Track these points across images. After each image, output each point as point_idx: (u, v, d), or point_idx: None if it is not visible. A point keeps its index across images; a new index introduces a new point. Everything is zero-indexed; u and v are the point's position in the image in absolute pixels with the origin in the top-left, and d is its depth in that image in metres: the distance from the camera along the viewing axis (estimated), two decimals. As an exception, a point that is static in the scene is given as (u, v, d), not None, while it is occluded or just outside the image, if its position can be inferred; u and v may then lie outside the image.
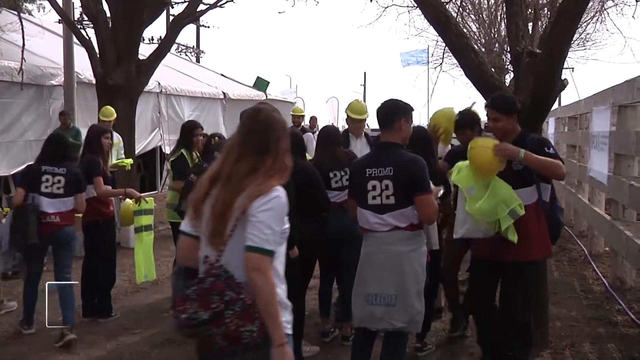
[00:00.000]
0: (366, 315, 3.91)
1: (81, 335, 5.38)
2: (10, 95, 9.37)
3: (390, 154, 3.90)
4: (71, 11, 10.51)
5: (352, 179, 4.15)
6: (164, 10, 13.83)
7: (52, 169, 5.29)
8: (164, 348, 5.12)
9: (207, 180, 2.56)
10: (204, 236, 2.52)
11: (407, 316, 3.83)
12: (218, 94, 15.49)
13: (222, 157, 2.60)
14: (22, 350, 5.07)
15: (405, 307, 3.81)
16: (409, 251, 3.84)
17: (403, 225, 3.82)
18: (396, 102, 4.08)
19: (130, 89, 10.08)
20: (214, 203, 2.49)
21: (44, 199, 5.20)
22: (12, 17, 10.39)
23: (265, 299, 2.37)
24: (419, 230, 3.91)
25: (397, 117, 3.96)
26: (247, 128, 2.63)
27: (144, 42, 14.15)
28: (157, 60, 10.69)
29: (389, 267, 3.83)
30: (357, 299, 3.99)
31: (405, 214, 3.82)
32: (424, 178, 3.83)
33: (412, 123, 4.09)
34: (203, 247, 2.52)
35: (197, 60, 27.35)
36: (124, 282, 7.13)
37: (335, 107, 27.48)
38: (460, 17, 11.22)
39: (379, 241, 3.87)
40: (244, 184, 2.46)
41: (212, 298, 2.35)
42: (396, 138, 3.95)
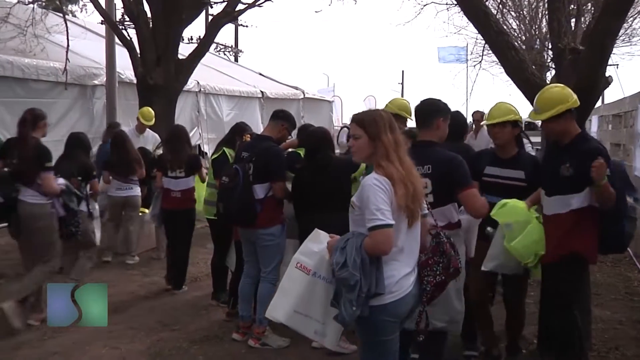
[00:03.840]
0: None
1: (122, 330, 5.49)
2: (55, 95, 9.61)
3: (429, 152, 3.87)
4: (113, 12, 10.72)
5: None
6: (203, 10, 13.96)
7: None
8: (203, 344, 5.18)
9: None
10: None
11: (447, 316, 3.80)
12: (256, 93, 15.59)
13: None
14: (70, 342, 5.19)
15: (445, 307, 3.77)
16: None
17: (442, 224, 3.74)
18: (435, 101, 4.08)
19: (170, 88, 10.23)
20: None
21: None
22: (58, 19, 10.64)
23: None
24: (457, 229, 3.87)
25: (435, 115, 3.95)
26: None
27: (184, 41, 14.33)
28: (196, 60, 10.82)
29: None
30: None
31: (444, 213, 3.79)
32: (464, 173, 3.78)
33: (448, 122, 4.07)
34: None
35: (236, 60, 27.62)
36: (162, 279, 7.23)
37: (373, 106, 27.40)
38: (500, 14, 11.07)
39: None
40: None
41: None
42: (433, 136, 3.94)
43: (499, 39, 5.04)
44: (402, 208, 2.98)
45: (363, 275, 2.90)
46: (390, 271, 3.01)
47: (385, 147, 3.08)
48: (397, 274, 3.04)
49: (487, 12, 5.23)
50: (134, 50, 10.14)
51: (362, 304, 2.92)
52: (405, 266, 3.08)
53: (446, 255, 3.15)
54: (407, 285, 3.07)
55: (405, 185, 3.00)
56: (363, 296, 2.90)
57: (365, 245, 2.93)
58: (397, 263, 3.05)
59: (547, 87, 4.07)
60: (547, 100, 4.07)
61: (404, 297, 3.05)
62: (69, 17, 12.12)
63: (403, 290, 3.05)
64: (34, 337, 5.26)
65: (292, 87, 18.05)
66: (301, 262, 3.31)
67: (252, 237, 5.01)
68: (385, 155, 3.07)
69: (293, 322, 3.31)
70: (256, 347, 5.03)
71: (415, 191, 3.05)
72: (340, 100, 23.79)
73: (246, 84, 15.82)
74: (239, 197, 4.91)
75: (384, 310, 3.00)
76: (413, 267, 3.13)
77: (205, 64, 13.11)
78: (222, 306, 6.03)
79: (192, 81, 11.90)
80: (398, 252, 3.04)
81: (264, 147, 5.03)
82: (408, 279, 3.08)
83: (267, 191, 4.97)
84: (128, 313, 6.00)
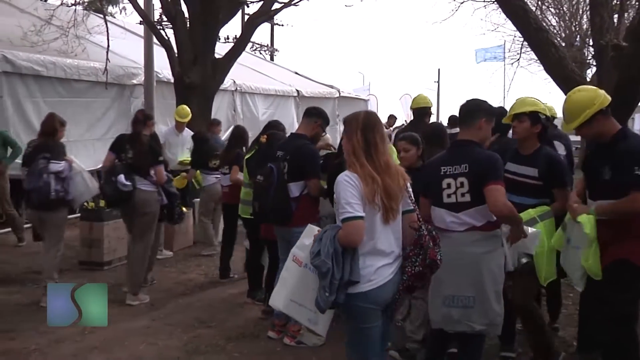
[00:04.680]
0: (443, 317, 3.85)
1: (159, 326, 5.57)
2: (95, 95, 9.79)
3: (466, 151, 3.84)
4: (151, 13, 10.85)
5: (427, 178, 4.07)
6: (240, 9, 14.06)
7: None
8: (239, 341, 5.22)
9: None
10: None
11: (487, 319, 3.75)
12: (292, 92, 15.63)
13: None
14: (109, 337, 5.28)
15: (484, 310, 3.73)
16: (485, 253, 3.75)
17: (479, 223, 3.74)
18: (479, 101, 4.04)
19: (207, 87, 10.33)
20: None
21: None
22: (98, 20, 10.83)
23: None
24: (496, 229, 3.81)
25: (478, 116, 3.90)
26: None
27: (220, 41, 14.43)
28: (232, 59, 10.90)
29: (465, 269, 3.75)
30: (433, 300, 3.93)
31: (481, 212, 3.74)
32: (495, 168, 3.72)
33: (492, 124, 4.01)
34: (398, 215, 3.27)
35: (271, 58, 27.73)
36: (199, 276, 7.32)
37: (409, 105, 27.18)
38: (540, 10, 10.88)
39: (454, 242, 3.77)
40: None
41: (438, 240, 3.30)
42: (474, 136, 3.89)
43: (538, 35, 4.96)
44: (371, 203, 3.14)
45: (335, 263, 3.06)
46: (368, 261, 3.17)
47: (353, 147, 3.26)
48: (376, 264, 3.19)
49: (526, 9, 5.15)
50: (171, 50, 10.26)
51: (336, 290, 3.07)
52: (384, 257, 3.22)
53: (424, 247, 3.24)
54: (386, 274, 3.20)
55: (372, 181, 3.15)
56: (336, 283, 3.06)
57: (339, 236, 3.10)
58: (375, 254, 3.20)
59: (571, 94, 3.94)
60: (573, 108, 3.94)
61: (383, 285, 3.19)
62: (109, 18, 12.33)
63: (383, 278, 3.19)
64: (75, 331, 5.34)
65: (327, 85, 18.04)
66: (296, 255, 3.48)
67: (287, 235, 5.01)
68: (353, 153, 3.25)
69: (289, 310, 3.49)
70: (291, 345, 5.05)
71: (387, 188, 3.18)
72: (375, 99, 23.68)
73: (282, 83, 15.87)
74: (274, 196, 4.93)
75: (365, 297, 3.15)
76: (394, 259, 3.26)
77: (242, 63, 13.19)
78: (257, 304, 6.07)
79: (228, 80, 11.99)
80: (374, 244, 3.19)
81: (298, 146, 5.04)
82: (387, 269, 3.22)
83: (302, 189, 4.99)
84: (165, 310, 6.08)
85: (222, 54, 11.11)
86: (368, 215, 3.15)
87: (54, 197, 5.93)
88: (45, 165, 5.92)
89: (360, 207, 3.12)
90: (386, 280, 3.20)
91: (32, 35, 9.28)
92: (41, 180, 5.89)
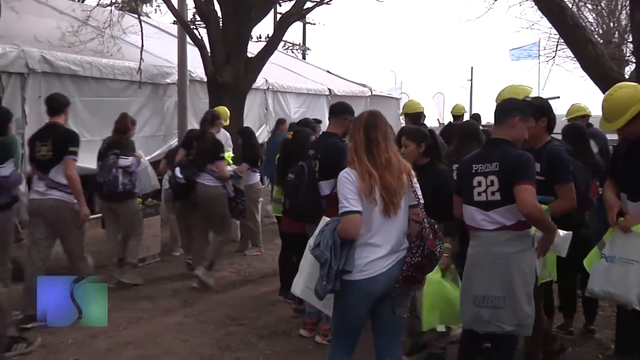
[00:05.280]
0: (473, 317, 3.82)
1: (192, 323, 5.63)
2: (129, 94, 9.92)
3: (498, 150, 3.79)
4: (185, 12, 10.95)
5: (460, 176, 4.05)
6: (272, 8, 14.10)
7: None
8: (270, 339, 5.24)
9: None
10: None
11: (517, 319, 3.70)
12: (323, 91, 15.63)
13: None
14: (142, 333, 5.35)
15: (514, 310, 3.68)
16: (516, 252, 3.70)
17: (510, 222, 3.69)
18: (515, 100, 3.99)
19: (239, 86, 10.38)
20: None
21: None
22: (133, 20, 10.98)
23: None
24: (527, 229, 3.75)
25: (512, 114, 3.85)
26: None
27: (252, 40, 14.49)
28: (264, 58, 10.94)
29: (495, 269, 3.71)
30: (464, 300, 3.91)
31: (511, 211, 3.68)
32: (525, 168, 3.65)
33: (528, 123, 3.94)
34: (399, 210, 3.41)
35: (303, 57, 27.78)
36: (231, 274, 7.37)
37: (441, 103, 26.98)
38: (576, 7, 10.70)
39: (484, 241, 3.76)
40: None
41: (439, 234, 3.40)
42: (506, 135, 3.83)
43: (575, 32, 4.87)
44: (368, 197, 3.32)
45: (333, 254, 3.29)
46: (364, 252, 3.36)
47: (355, 144, 3.48)
48: (371, 256, 3.37)
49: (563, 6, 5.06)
50: (204, 49, 10.34)
51: (333, 279, 3.29)
52: (381, 249, 3.38)
53: (424, 239, 3.36)
54: (381, 266, 3.37)
55: (368, 177, 3.34)
56: (333, 273, 3.29)
57: (338, 229, 3.33)
58: (372, 246, 3.38)
59: (612, 92, 3.83)
60: (616, 106, 3.84)
61: (375, 276, 3.36)
62: (144, 18, 12.47)
63: (375, 270, 3.36)
64: (109, 327, 5.41)
65: (359, 84, 17.99)
66: (310, 244, 3.64)
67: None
68: (354, 151, 3.46)
69: (305, 295, 3.78)
70: (323, 344, 5.05)
71: (386, 184, 3.35)
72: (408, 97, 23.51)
73: (314, 82, 15.88)
74: (305, 194, 4.94)
75: (354, 285, 3.35)
76: (390, 251, 3.39)
77: (274, 62, 13.23)
78: (289, 302, 6.09)
79: (260, 79, 12.04)
80: (371, 236, 3.37)
81: (329, 144, 5.04)
82: (383, 261, 3.37)
83: (332, 187, 4.97)
84: (197, 307, 6.15)
85: (254, 53, 11.15)
86: (366, 209, 3.33)
87: (121, 190, 6.52)
88: (115, 161, 6.53)
89: (357, 202, 3.33)
90: (379, 273, 3.36)
91: (69, 35, 9.45)
92: (110, 174, 6.50)
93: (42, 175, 5.49)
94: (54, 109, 5.65)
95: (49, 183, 5.44)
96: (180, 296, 6.47)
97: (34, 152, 5.55)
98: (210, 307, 6.14)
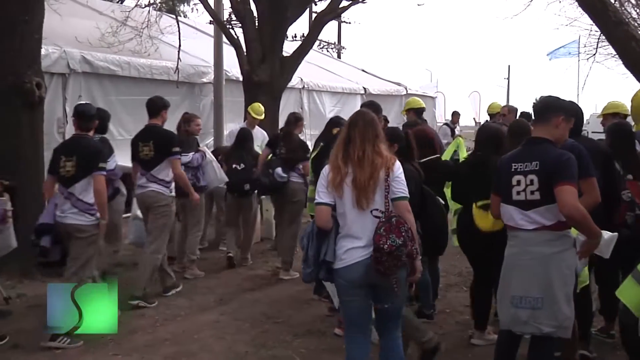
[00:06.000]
0: (511, 318, 3.78)
1: (228, 321, 5.67)
2: (166, 93, 9.96)
3: (539, 149, 3.74)
4: (221, 12, 11.04)
5: (499, 175, 3.99)
6: (307, 8, 14.13)
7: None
8: (305, 338, 5.24)
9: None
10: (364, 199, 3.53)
11: (556, 321, 3.65)
12: (359, 89, 15.61)
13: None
14: (179, 330, 5.42)
15: (553, 312, 3.63)
16: (555, 253, 3.64)
17: (549, 222, 3.63)
18: (558, 98, 3.91)
19: (274, 85, 10.42)
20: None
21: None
22: (170, 20, 11.12)
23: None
24: (567, 229, 3.69)
25: (555, 113, 3.78)
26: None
27: (288, 39, 14.55)
28: (300, 57, 10.97)
29: (533, 269, 3.66)
30: (502, 300, 3.88)
31: (551, 211, 3.62)
32: (566, 168, 3.59)
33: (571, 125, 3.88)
34: (373, 204, 3.54)
35: (338, 56, 27.80)
36: (266, 272, 7.40)
37: (477, 102, 26.66)
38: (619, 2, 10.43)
39: (523, 242, 3.72)
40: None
41: (401, 229, 3.42)
42: (548, 134, 3.77)
43: (617, 29, 4.75)
44: (337, 190, 3.57)
45: (310, 241, 3.64)
46: (343, 242, 3.60)
47: (338, 141, 3.73)
48: (347, 245, 3.58)
49: (605, 1, 4.94)
50: (240, 48, 10.41)
51: (311, 264, 3.63)
52: (356, 240, 3.57)
53: (375, 232, 3.52)
54: (356, 256, 3.55)
55: (337, 172, 3.58)
56: (311, 259, 3.62)
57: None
58: (351, 237, 3.59)
59: (636, 93, 3.72)
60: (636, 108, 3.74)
61: (351, 265, 3.56)
62: (181, 18, 12.64)
63: (352, 259, 3.56)
64: (147, 323, 5.53)
65: (394, 83, 17.91)
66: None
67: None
68: (335, 147, 3.71)
69: (329, 287, 4.07)
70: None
71: (356, 178, 3.54)
72: (443, 96, 23.34)
73: (349, 81, 15.87)
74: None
75: (337, 273, 3.62)
76: (368, 243, 3.51)
77: (309, 61, 13.27)
78: (324, 301, 6.07)
79: (295, 78, 12.07)
80: (349, 228, 3.59)
81: None
82: (358, 251, 3.55)
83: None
84: (233, 305, 6.18)
85: (289, 52, 11.19)
86: (340, 202, 3.60)
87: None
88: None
89: (326, 195, 3.63)
90: (355, 261, 3.55)
91: (108, 36, 9.62)
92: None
93: (144, 172, 6.04)
94: (152, 112, 6.19)
95: (149, 177, 6.01)
96: (216, 294, 6.52)
97: (137, 152, 6.09)
98: (246, 305, 6.17)
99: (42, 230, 5.10)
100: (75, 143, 5.23)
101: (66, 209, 5.08)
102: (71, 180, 5.08)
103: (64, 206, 5.09)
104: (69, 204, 5.07)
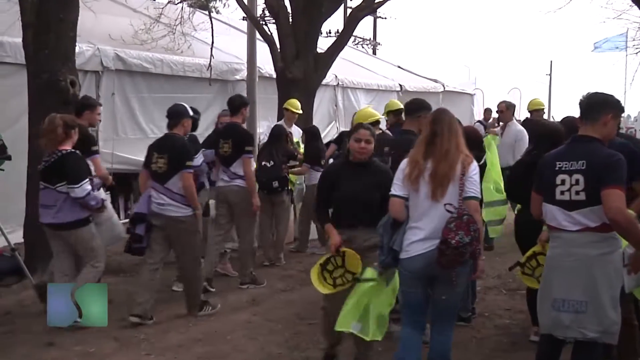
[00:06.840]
0: (553, 321, 3.66)
1: (260, 322, 5.60)
2: (199, 90, 10.02)
3: (586, 147, 3.59)
4: (254, 8, 10.96)
5: (541, 173, 3.84)
6: (342, 3, 13.97)
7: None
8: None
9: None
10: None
11: (601, 326, 3.51)
12: (394, 86, 15.39)
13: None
14: (212, 330, 5.34)
15: (598, 316, 3.49)
16: (600, 255, 3.50)
17: (594, 224, 3.49)
18: (605, 95, 3.74)
19: (309, 82, 10.29)
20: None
21: None
22: (203, 17, 11.09)
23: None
24: (612, 231, 3.51)
25: (604, 110, 3.64)
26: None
27: (322, 35, 14.45)
28: (334, 54, 10.81)
29: (576, 271, 3.53)
30: (542, 303, 3.75)
31: (596, 212, 3.48)
32: (614, 170, 3.44)
33: (619, 122, 3.72)
34: (447, 197, 3.63)
35: (374, 52, 27.61)
36: (299, 272, 7.29)
37: (518, 99, 26.12)
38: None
39: (566, 242, 3.58)
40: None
41: (470, 227, 3.48)
42: (596, 133, 3.63)
43: (669, 19, 4.47)
44: (413, 184, 3.69)
45: (384, 231, 3.82)
46: (408, 234, 3.72)
47: (421, 136, 3.91)
48: (413, 238, 3.70)
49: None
50: (274, 44, 10.30)
51: (386, 253, 3.80)
52: (422, 232, 3.67)
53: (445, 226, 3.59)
54: (418, 248, 3.67)
55: (414, 165, 3.70)
56: (385, 248, 3.80)
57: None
58: (416, 229, 3.70)
59: None
60: None
61: (413, 257, 3.68)
62: (214, 15, 12.61)
63: (414, 251, 3.68)
64: (180, 323, 5.50)
65: (431, 80, 17.63)
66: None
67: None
68: (417, 142, 3.87)
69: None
70: (391, 345, 4.88)
71: (437, 169, 3.64)
72: (482, 93, 22.86)
73: (384, 77, 15.66)
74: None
75: (401, 263, 3.77)
76: (429, 236, 3.61)
77: (344, 58, 13.10)
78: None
79: (330, 75, 11.93)
80: (417, 220, 3.71)
81: (402, 141, 5.01)
82: (421, 244, 3.65)
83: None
84: (266, 305, 6.12)
85: (324, 48, 11.05)
86: (413, 195, 3.72)
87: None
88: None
89: (400, 188, 3.78)
90: (416, 254, 3.67)
91: (142, 33, 9.62)
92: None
93: (225, 168, 6.47)
94: (233, 110, 6.57)
95: (230, 174, 6.43)
96: (249, 293, 6.44)
97: (218, 149, 6.52)
98: (279, 306, 6.10)
99: (137, 219, 5.50)
100: (165, 141, 5.64)
101: (165, 203, 5.43)
102: (164, 177, 5.45)
103: (160, 199, 5.45)
104: (166, 197, 5.43)
